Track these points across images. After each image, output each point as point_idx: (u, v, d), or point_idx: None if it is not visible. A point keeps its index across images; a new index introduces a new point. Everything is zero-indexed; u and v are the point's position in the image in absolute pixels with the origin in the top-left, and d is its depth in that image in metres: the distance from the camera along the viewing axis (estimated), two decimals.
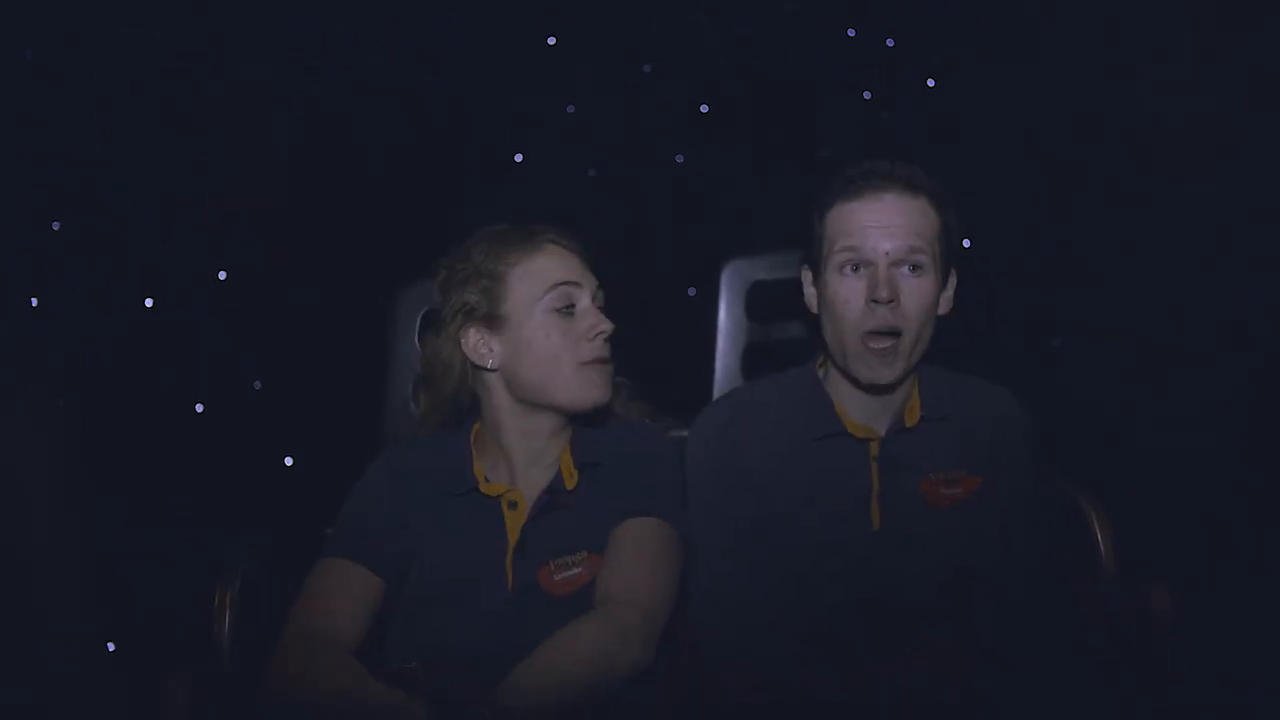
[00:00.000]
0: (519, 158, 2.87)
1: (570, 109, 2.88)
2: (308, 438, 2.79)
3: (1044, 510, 1.88)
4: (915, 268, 1.76)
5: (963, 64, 2.82)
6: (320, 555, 1.79)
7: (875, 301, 1.75)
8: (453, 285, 1.81)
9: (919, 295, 1.76)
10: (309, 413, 2.79)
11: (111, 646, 2.57)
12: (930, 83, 2.89)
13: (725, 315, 2.31)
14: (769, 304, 2.27)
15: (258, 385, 2.78)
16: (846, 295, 1.77)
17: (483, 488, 1.81)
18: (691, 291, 2.69)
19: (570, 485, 1.80)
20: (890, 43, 2.91)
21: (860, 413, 1.84)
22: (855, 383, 1.82)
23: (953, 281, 1.84)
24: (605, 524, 1.76)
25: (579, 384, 1.77)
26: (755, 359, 2.30)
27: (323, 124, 2.83)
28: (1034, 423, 1.88)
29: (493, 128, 2.89)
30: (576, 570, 1.75)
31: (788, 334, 2.24)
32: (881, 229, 1.76)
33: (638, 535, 1.75)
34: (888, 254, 1.75)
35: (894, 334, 1.76)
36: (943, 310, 1.83)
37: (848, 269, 1.78)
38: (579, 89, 2.88)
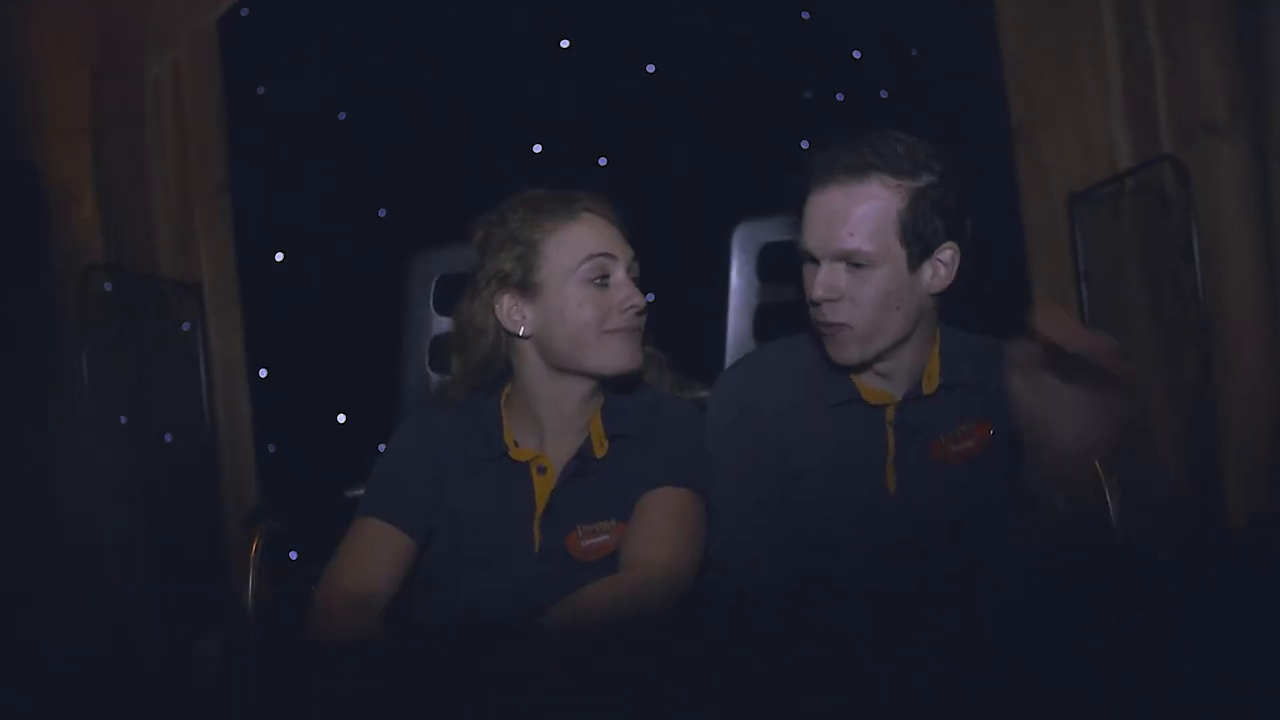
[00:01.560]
0: (537, 148, 2.95)
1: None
2: (329, 404, 2.85)
3: None
4: (855, 264, 1.66)
5: None
6: (353, 516, 1.76)
7: (812, 302, 1.69)
8: (489, 249, 1.75)
9: (861, 289, 1.66)
10: (328, 380, 2.85)
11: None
12: None
13: (737, 277, 2.26)
14: (781, 265, 2.21)
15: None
16: (806, 285, 1.71)
17: (513, 453, 1.76)
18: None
19: (600, 454, 1.75)
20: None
21: (875, 379, 1.76)
22: None
23: (947, 256, 1.68)
24: (633, 494, 1.72)
25: (610, 351, 1.72)
26: (767, 320, 2.26)
27: (340, 101, 2.91)
28: None
29: (506, 103, 2.97)
30: (604, 538, 1.71)
31: (800, 295, 2.16)
32: (821, 226, 1.67)
33: (661, 504, 1.70)
34: (825, 252, 1.67)
35: (841, 324, 1.68)
36: (936, 288, 1.69)
37: (806, 262, 1.71)
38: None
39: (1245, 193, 2.49)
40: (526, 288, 1.72)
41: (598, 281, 1.71)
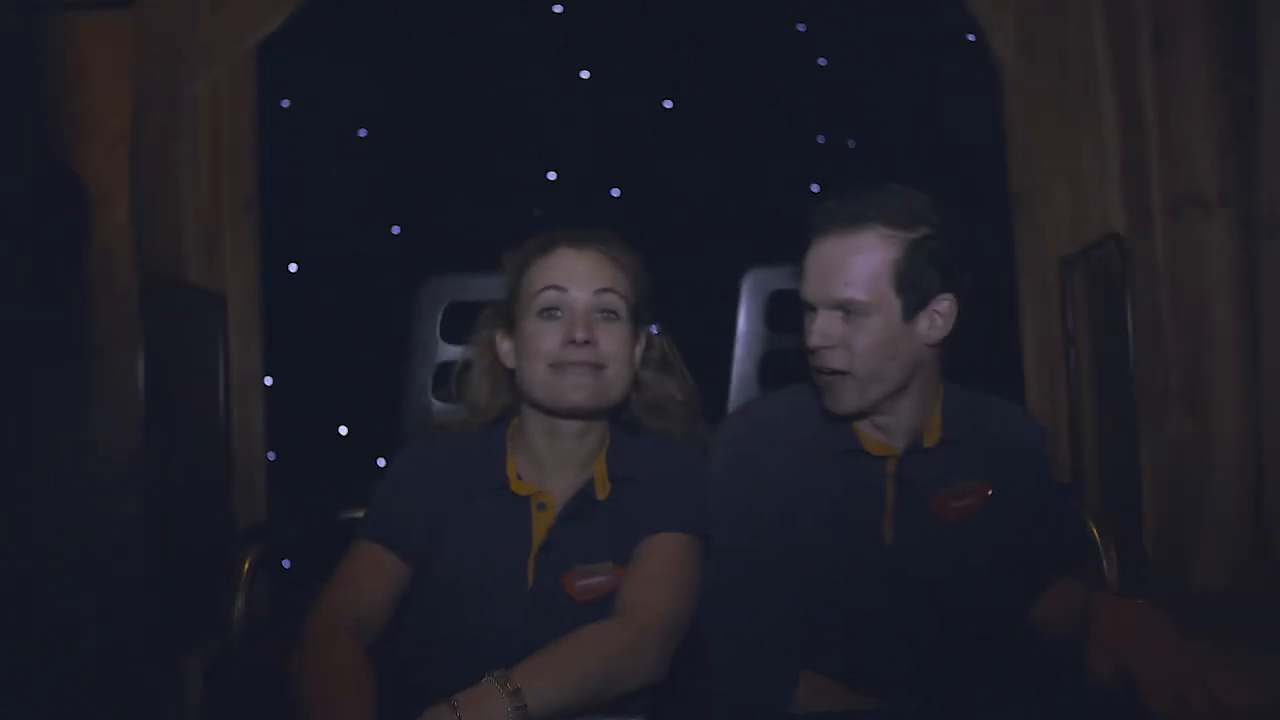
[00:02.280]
0: (552, 175, 2.98)
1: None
2: (333, 416, 2.88)
3: (1060, 525, 1.82)
4: (850, 313, 1.65)
5: None
6: (352, 539, 1.71)
7: (810, 350, 1.69)
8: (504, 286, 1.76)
9: (859, 338, 1.65)
10: (333, 393, 2.87)
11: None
12: None
13: (744, 322, 2.25)
14: (788, 313, 2.14)
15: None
16: (805, 333, 1.71)
17: (513, 486, 1.72)
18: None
19: (602, 495, 1.71)
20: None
21: (877, 430, 1.74)
22: None
23: (944, 307, 1.67)
24: (633, 538, 1.67)
25: (551, 385, 1.67)
26: (773, 367, 2.25)
27: (362, 120, 2.94)
28: (1048, 438, 1.83)
29: (525, 130, 3.02)
30: (600, 579, 1.66)
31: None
32: (818, 275, 1.67)
33: (662, 549, 1.66)
34: (822, 300, 1.67)
35: (837, 371, 1.67)
36: (933, 339, 1.68)
37: (806, 310, 1.71)
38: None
39: (1231, 267, 2.55)
40: (510, 321, 1.73)
41: (549, 313, 1.68)
